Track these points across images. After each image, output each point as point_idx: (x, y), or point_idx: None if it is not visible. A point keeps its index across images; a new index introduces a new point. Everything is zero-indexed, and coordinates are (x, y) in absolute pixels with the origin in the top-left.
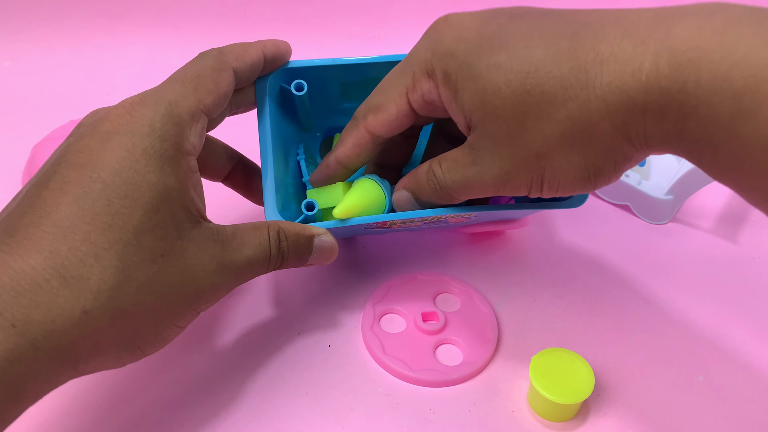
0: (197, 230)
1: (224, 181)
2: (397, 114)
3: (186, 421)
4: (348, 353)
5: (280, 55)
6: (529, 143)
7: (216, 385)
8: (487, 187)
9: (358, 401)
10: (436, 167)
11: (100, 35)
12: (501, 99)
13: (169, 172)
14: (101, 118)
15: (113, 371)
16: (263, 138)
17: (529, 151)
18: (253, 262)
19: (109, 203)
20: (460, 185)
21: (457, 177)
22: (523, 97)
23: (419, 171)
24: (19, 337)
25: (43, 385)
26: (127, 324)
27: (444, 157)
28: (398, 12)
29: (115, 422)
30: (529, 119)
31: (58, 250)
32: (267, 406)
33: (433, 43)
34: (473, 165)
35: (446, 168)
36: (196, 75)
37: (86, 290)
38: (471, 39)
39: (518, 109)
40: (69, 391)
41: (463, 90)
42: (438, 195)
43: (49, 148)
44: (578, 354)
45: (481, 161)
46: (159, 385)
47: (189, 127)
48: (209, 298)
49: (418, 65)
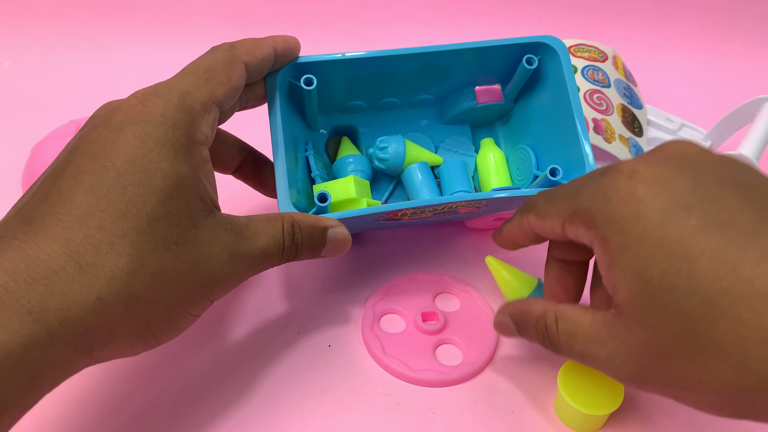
0: (211, 219)
1: (234, 174)
2: (551, 232)
3: (186, 421)
4: (348, 353)
5: (289, 50)
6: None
7: (216, 386)
8: (612, 374)
9: (358, 401)
10: (551, 323)
11: (100, 35)
12: (661, 317)
13: (182, 160)
14: (114, 108)
15: (114, 371)
16: (274, 131)
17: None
18: (266, 252)
19: (123, 191)
20: (577, 354)
21: (577, 347)
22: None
23: (531, 309)
24: (36, 323)
25: (60, 371)
26: (141, 311)
27: (564, 314)
28: (398, 12)
29: (116, 423)
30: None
31: (74, 237)
32: (267, 406)
33: (604, 199)
34: (599, 345)
35: (564, 331)
36: (208, 67)
37: (101, 277)
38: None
39: (678, 336)
40: (68, 392)
41: (618, 273)
42: (545, 344)
43: (49, 148)
44: None
45: (610, 348)
46: (158, 386)
47: (201, 117)
48: (222, 286)
49: (580, 206)
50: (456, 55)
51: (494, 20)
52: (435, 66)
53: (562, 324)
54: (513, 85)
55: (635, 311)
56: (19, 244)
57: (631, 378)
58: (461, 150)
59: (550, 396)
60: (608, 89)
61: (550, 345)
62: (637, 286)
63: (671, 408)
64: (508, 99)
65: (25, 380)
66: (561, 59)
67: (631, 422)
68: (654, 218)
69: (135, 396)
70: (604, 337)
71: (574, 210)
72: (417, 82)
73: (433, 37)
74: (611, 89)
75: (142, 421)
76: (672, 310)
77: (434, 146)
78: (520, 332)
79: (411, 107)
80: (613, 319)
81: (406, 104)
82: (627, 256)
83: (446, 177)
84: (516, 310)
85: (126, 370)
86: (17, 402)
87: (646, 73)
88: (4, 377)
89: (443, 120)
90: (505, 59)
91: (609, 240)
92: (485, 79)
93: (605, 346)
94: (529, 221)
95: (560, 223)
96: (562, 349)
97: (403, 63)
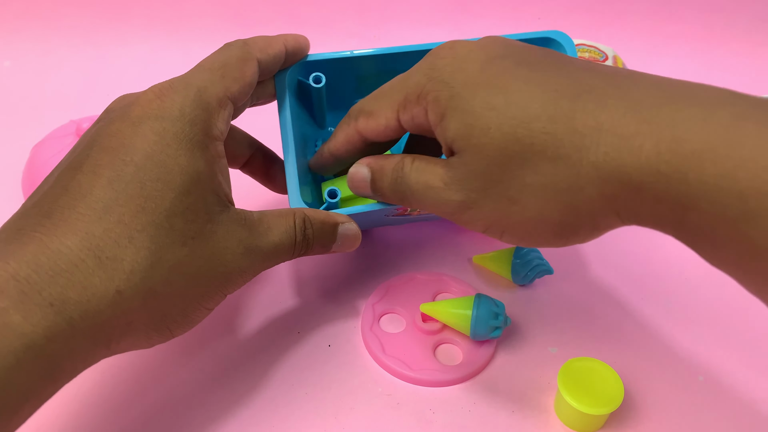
0: (226, 214)
1: (243, 168)
2: (385, 126)
3: (187, 422)
4: (348, 353)
5: (299, 49)
6: (506, 186)
7: (216, 386)
8: (444, 205)
9: (358, 401)
10: (407, 161)
11: (100, 35)
12: (488, 138)
13: (199, 156)
14: (131, 103)
15: (113, 371)
16: (284, 129)
17: (503, 193)
18: (279, 247)
19: (141, 186)
20: (420, 189)
21: (421, 180)
22: (510, 142)
23: (389, 158)
24: (57, 315)
25: (78, 363)
26: (158, 304)
27: (419, 156)
28: (398, 12)
29: (117, 423)
30: (512, 164)
31: (94, 231)
32: (267, 406)
33: (431, 70)
34: (441, 180)
35: (416, 167)
36: (223, 63)
37: (120, 271)
38: (471, 73)
39: (503, 152)
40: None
41: (451, 117)
42: (393, 189)
43: (49, 148)
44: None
45: (451, 181)
46: (158, 387)
47: (217, 113)
48: (236, 281)
49: (412, 87)
50: None
51: (494, 20)
52: None
53: (417, 162)
54: None
55: (464, 141)
56: (40, 236)
57: (463, 203)
58: None
59: (550, 396)
60: None
61: (401, 186)
62: (465, 120)
63: (671, 408)
64: None
65: (45, 371)
66: (568, 54)
67: (631, 422)
68: (475, 67)
69: (135, 397)
70: (444, 173)
71: (405, 94)
72: None
73: (433, 37)
74: None
75: (142, 422)
76: (493, 126)
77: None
78: (374, 184)
79: None
80: (452, 161)
81: None
82: (455, 102)
83: None
84: (375, 159)
85: (126, 371)
86: (37, 393)
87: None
88: (27, 368)
89: None
90: None
91: (438, 98)
92: None
93: (444, 180)
94: (358, 127)
95: (394, 113)
96: (410, 187)
97: (411, 60)
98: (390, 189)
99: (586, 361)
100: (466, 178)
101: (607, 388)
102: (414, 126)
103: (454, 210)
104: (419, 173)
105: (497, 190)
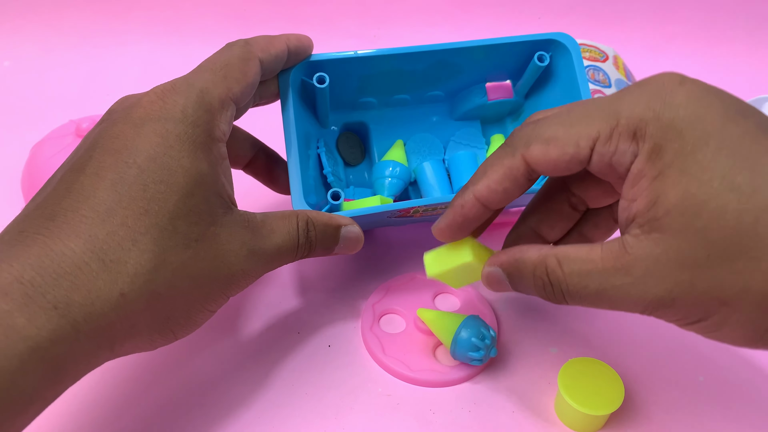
0: (229, 216)
1: (245, 169)
2: (572, 156)
3: (187, 422)
4: (348, 353)
5: (303, 48)
6: (720, 283)
7: (216, 386)
8: (633, 304)
9: (358, 401)
10: (553, 265)
11: (100, 35)
12: (719, 223)
13: (201, 157)
14: (133, 104)
15: (114, 371)
16: (288, 129)
17: (713, 293)
18: (282, 249)
19: (145, 188)
20: (592, 294)
21: (592, 285)
22: (747, 236)
23: (526, 256)
24: (61, 318)
25: (82, 366)
26: (162, 307)
27: (567, 254)
28: (398, 12)
29: (118, 424)
30: (739, 260)
31: (97, 234)
32: (267, 406)
33: (660, 105)
34: (622, 273)
35: (572, 271)
36: (224, 64)
37: (124, 274)
38: (711, 130)
39: (732, 244)
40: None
41: (675, 183)
42: (545, 293)
43: (49, 148)
44: (606, 363)
45: (636, 272)
46: (158, 387)
47: (219, 114)
48: (239, 283)
49: (626, 117)
50: (467, 52)
51: (494, 20)
52: (446, 63)
53: (568, 265)
54: (524, 82)
55: (683, 218)
56: (43, 239)
57: (660, 300)
58: (472, 143)
59: (550, 396)
60: (609, 89)
61: (554, 293)
62: (691, 191)
63: (671, 408)
64: (518, 95)
65: (50, 374)
66: (572, 56)
67: (631, 422)
68: (716, 120)
69: (135, 398)
70: (626, 263)
71: (615, 123)
72: (428, 79)
73: (433, 37)
74: (612, 89)
75: (142, 423)
76: (731, 211)
77: (443, 146)
78: (514, 284)
79: (422, 104)
80: (637, 240)
81: (417, 101)
82: (685, 161)
83: (456, 169)
84: (508, 259)
85: (127, 369)
86: (42, 395)
87: (646, 73)
88: (31, 371)
89: (454, 116)
90: (516, 56)
91: (663, 147)
92: (496, 76)
93: (630, 273)
94: (530, 157)
95: (590, 141)
96: (572, 293)
97: (415, 60)
98: (540, 294)
99: (586, 361)
100: (671, 269)
101: (608, 388)
102: (603, 165)
103: (645, 308)
104: (582, 278)
105: (706, 287)
